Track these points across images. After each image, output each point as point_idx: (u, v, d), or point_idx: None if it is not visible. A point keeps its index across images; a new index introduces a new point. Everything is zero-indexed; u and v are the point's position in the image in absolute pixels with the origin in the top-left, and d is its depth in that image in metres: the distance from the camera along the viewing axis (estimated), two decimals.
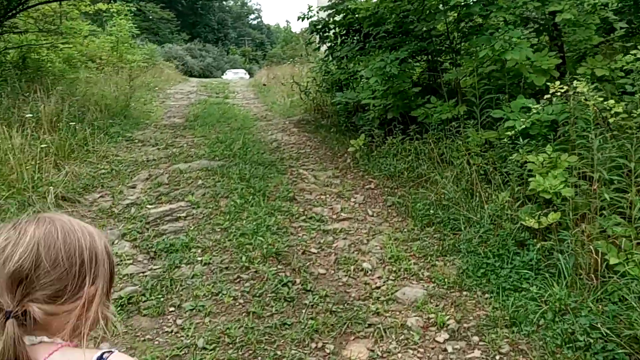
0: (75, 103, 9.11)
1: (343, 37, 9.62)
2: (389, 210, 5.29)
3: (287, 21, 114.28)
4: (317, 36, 9.95)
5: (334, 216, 5.19)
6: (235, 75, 45.01)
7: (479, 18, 6.78)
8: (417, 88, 6.99)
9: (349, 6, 8.22)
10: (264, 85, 13.83)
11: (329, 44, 9.92)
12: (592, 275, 3.37)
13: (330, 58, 9.66)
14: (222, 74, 52.39)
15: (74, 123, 7.28)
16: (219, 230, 4.68)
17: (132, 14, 29.89)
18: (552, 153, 4.52)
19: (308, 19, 9.93)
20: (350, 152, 7.23)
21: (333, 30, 9.78)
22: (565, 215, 3.98)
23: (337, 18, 9.29)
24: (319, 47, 9.94)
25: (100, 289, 1.02)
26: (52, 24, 16.13)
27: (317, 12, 9.97)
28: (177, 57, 53.37)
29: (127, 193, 5.76)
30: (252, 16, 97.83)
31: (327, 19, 9.62)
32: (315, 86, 10.17)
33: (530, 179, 4.46)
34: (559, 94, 4.41)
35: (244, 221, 4.80)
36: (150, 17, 64.98)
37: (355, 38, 9.45)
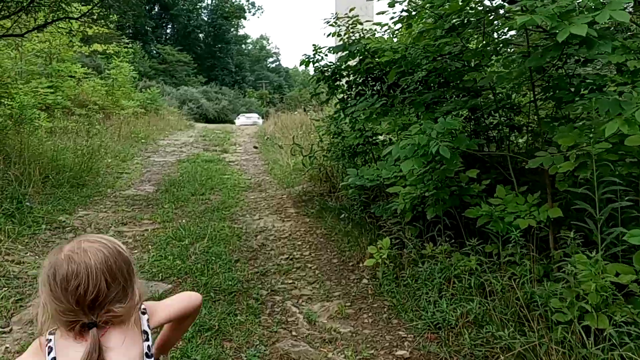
0: None
1: (359, 88, 7.25)
2: None
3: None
4: (326, 85, 7.58)
5: None
6: (248, 120, 43.31)
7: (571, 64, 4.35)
8: (472, 171, 4.47)
9: (368, 47, 5.81)
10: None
11: (340, 96, 7.55)
12: None
13: (342, 115, 7.24)
14: (237, 117, 50.95)
15: None
16: None
17: (133, 56, 28.17)
18: None
19: (314, 63, 7.56)
20: (368, 266, 4.71)
21: (346, 78, 7.42)
22: None
23: (352, 62, 6.91)
24: (327, 100, 7.53)
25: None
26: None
27: (326, 55, 7.59)
28: (192, 99, 52.17)
29: None
30: (271, 59, 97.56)
31: (338, 64, 7.26)
32: (322, 150, 7.73)
33: None
34: None
35: None
36: (168, 60, 64.59)
37: (375, 88, 7.08)
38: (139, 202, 7.55)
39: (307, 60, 7.55)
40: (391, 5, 4.72)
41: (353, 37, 6.75)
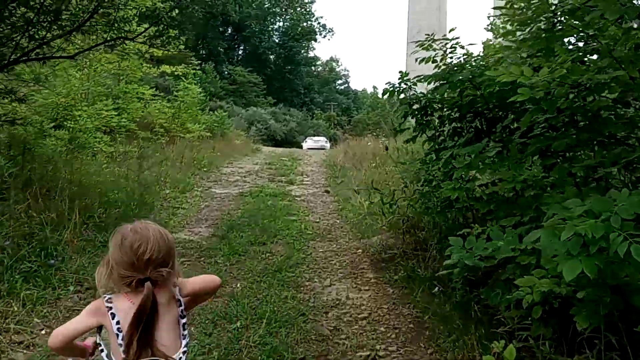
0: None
1: (453, 124, 5.96)
2: None
3: (374, 87, 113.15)
4: (413, 120, 6.33)
5: None
6: (315, 144, 42.74)
7: None
8: None
9: (480, 75, 4.52)
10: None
11: (431, 133, 6.27)
12: None
13: (433, 156, 5.95)
14: (304, 140, 50.59)
15: None
16: None
17: (204, 76, 27.88)
18: None
19: (399, 93, 6.29)
20: None
21: (439, 113, 6.15)
22: None
23: (449, 95, 5.63)
24: (414, 137, 6.25)
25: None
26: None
27: (415, 85, 6.32)
28: (260, 120, 52.16)
29: None
30: (340, 81, 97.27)
31: (430, 95, 6.01)
32: (407, 199, 6.43)
33: None
34: None
35: None
36: (238, 81, 65.28)
37: (473, 125, 5.79)
38: (190, 252, 6.48)
39: (392, 89, 6.30)
40: (523, 23, 3.43)
41: (453, 64, 5.48)
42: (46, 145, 10.85)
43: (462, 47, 5.63)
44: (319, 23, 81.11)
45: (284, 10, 78.83)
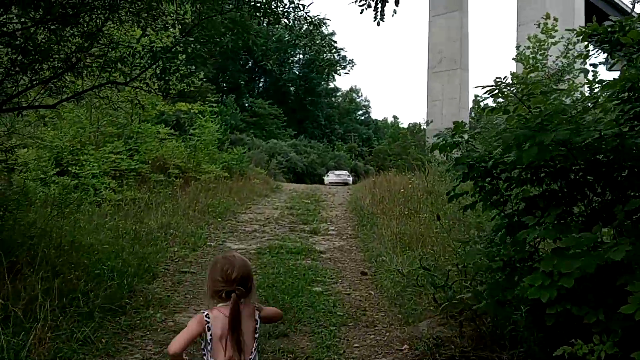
0: None
1: (527, 189, 4.64)
2: None
3: (394, 116, 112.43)
4: (472, 182, 4.99)
5: None
6: (337, 178, 41.61)
7: None
8: None
9: (579, 133, 3.21)
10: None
11: (494, 198, 4.94)
12: None
13: (504, 233, 4.59)
14: (326, 173, 49.49)
15: None
16: None
17: (222, 111, 26.95)
18: None
19: (452, 148, 4.98)
20: None
21: (506, 174, 4.82)
22: None
23: (526, 151, 4.28)
24: (473, 204, 4.94)
25: None
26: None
27: (472, 139, 5.03)
28: (281, 153, 51.34)
29: None
30: (360, 112, 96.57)
31: (500, 156, 4.69)
32: (470, 289, 5.04)
33: None
34: None
35: None
36: (259, 113, 64.74)
37: (550, 187, 4.50)
38: (191, 350, 5.16)
39: (444, 143, 4.98)
40: None
41: (540, 115, 4.15)
42: (38, 195, 9.72)
43: (545, 94, 4.30)
44: (339, 55, 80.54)
45: (304, 43, 78.67)
